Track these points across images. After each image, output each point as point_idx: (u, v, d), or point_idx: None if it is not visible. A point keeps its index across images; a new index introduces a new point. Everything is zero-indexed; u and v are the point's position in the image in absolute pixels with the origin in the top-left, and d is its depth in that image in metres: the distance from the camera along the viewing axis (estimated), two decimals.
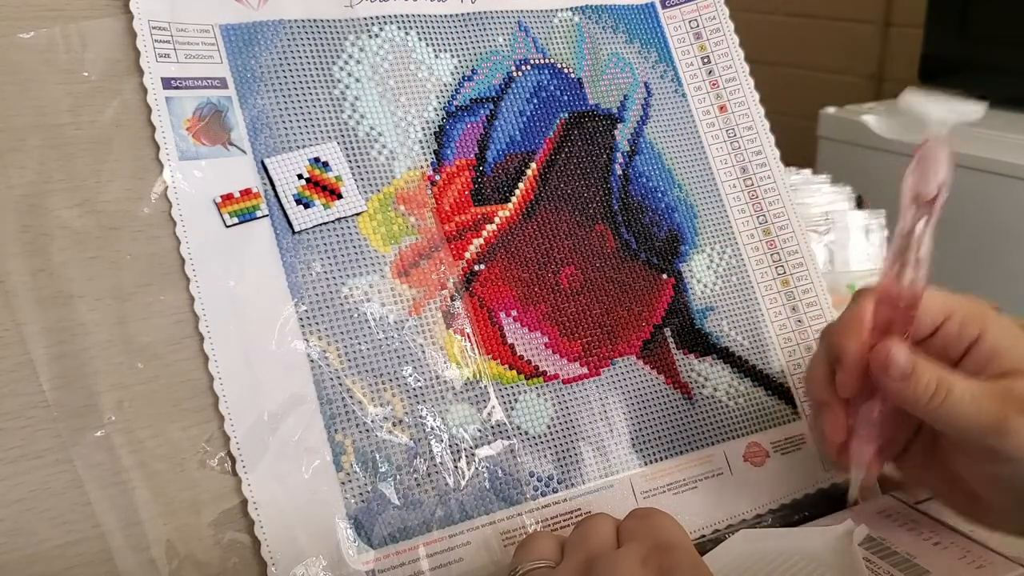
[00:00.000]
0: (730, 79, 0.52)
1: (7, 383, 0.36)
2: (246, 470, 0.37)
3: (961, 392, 0.36)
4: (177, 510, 0.36)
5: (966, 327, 0.39)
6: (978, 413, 0.36)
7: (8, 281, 0.36)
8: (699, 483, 0.45)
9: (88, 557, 0.35)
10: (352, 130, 0.44)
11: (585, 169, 0.48)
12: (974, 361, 0.38)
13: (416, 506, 0.40)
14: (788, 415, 0.48)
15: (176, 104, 0.41)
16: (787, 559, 0.38)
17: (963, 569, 0.38)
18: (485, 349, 0.43)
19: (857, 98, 1.39)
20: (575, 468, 0.43)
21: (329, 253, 0.42)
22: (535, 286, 0.45)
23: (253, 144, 0.42)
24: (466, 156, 0.46)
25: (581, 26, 0.51)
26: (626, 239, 0.48)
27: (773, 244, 0.50)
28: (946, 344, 0.39)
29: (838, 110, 1.25)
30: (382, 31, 0.46)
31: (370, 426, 0.40)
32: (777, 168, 0.51)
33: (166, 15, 0.42)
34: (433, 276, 0.43)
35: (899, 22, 1.53)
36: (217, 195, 0.40)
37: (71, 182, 0.38)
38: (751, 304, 0.49)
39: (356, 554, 0.38)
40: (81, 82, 0.40)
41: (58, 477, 0.35)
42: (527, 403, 0.43)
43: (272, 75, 0.43)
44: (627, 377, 0.46)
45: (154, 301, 0.38)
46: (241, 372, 0.38)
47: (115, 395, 0.37)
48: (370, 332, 0.41)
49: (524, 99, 0.48)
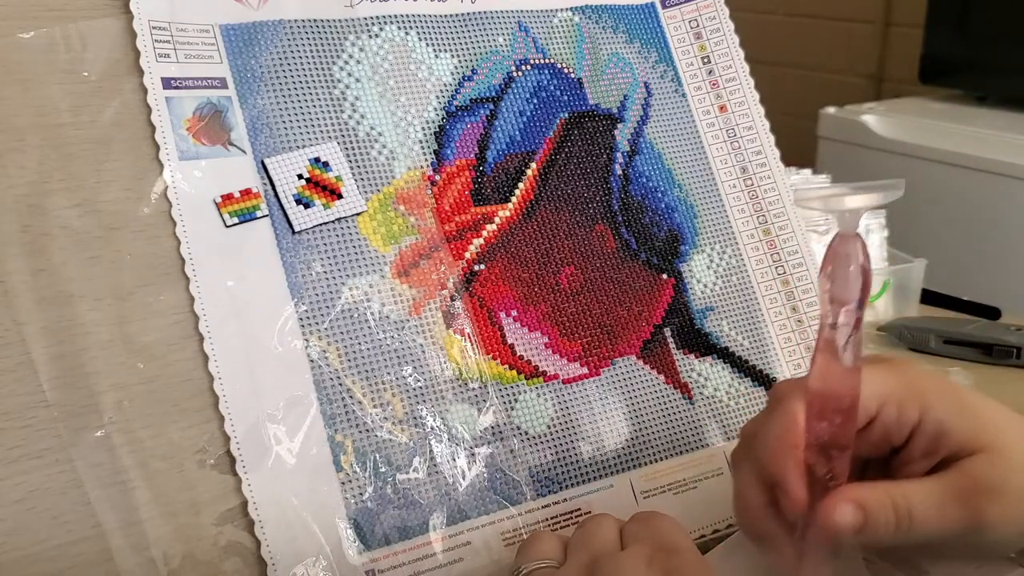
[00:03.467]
0: (730, 79, 0.52)
1: (7, 383, 0.36)
2: (246, 470, 0.37)
3: (924, 509, 0.33)
4: (177, 510, 0.36)
5: (904, 411, 0.34)
6: (949, 520, 0.32)
7: (8, 281, 0.37)
8: (699, 483, 0.45)
9: (88, 557, 0.35)
10: (352, 130, 0.44)
11: (585, 169, 0.48)
12: (920, 446, 0.34)
13: (416, 506, 0.40)
14: None
15: (176, 104, 0.41)
16: None
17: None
18: (485, 349, 0.43)
19: (857, 98, 1.39)
20: (575, 468, 0.43)
21: (329, 253, 0.42)
22: (535, 286, 0.45)
23: (253, 144, 0.42)
24: (466, 156, 0.46)
25: (581, 26, 0.51)
26: (626, 239, 0.48)
27: (773, 244, 0.50)
28: (887, 432, 0.35)
29: (838, 110, 1.25)
30: (382, 31, 0.46)
31: (370, 426, 0.40)
32: (777, 168, 0.51)
33: (166, 15, 0.42)
34: (433, 276, 0.43)
35: (899, 22, 1.53)
36: (217, 195, 0.40)
37: (71, 182, 0.38)
38: (751, 304, 0.49)
39: (356, 554, 0.38)
40: (81, 82, 0.40)
41: (58, 477, 0.35)
42: (527, 403, 0.43)
43: (272, 75, 0.43)
44: (627, 377, 0.46)
45: (154, 301, 0.38)
46: (241, 372, 0.38)
47: (115, 395, 0.37)
48: (370, 332, 0.41)
49: (524, 99, 0.48)
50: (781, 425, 0.34)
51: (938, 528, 0.33)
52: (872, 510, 0.32)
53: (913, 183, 1.27)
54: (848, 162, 1.22)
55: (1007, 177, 1.04)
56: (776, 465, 0.34)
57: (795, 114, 1.45)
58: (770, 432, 0.34)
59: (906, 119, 1.19)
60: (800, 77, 1.70)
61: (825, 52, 1.66)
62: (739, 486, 0.36)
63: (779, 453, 0.34)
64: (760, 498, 0.35)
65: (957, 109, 1.23)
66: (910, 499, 0.33)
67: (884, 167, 1.16)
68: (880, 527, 0.32)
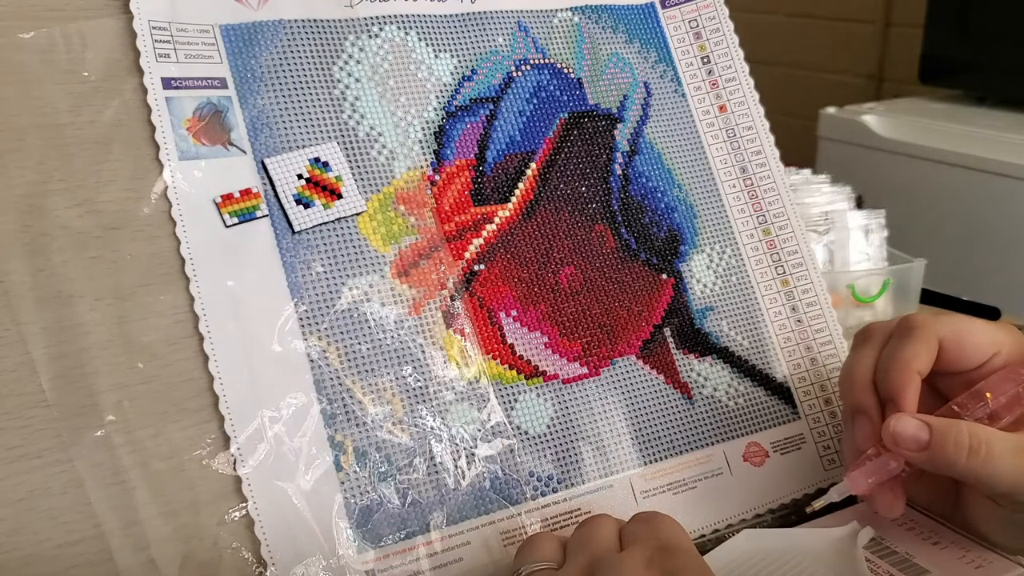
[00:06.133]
0: (730, 79, 0.52)
1: (7, 383, 0.36)
2: (246, 470, 0.37)
3: (1002, 448, 0.34)
4: (177, 510, 0.36)
5: (1010, 363, 0.38)
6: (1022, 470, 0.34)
7: (8, 281, 0.37)
8: (699, 483, 0.45)
9: (88, 557, 0.35)
10: (352, 130, 0.44)
11: (585, 169, 0.48)
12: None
13: (416, 506, 0.40)
14: (788, 415, 0.48)
15: (176, 104, 0.41)
16: (789, 559, 0.38)
17: (963, 569, 0.38)
18: (485, 349, 0.43)
19: (857, 98, 1.39)
20: (575, 468, 0.43)
21: (329, 253, 0.42)
22: (535, 286, 0.45)
23: (253, 144, 0.42)
24: (466, 156, 0.46)
25: (581, 26, 0.51)
26: (626, 239, 0.48)
27: (773, 244, 0.50)
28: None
29: (838, 110, 1.25)
30: (382, 31, 0.46)
31: (370, 426, 0.40)
32: (777, 168, 0.51)
33: (166, 15, 0.42)
34: (433, 276, 0.44)
35: (899, 22, 1.53)
36: (217, 195, 0.40)
37: (71, 182, 0.38)
38: (751, 304, 0.49)
39: (356, 554, 0.38)
40: (81, 82, 0.40)
41: (58, 477, 0.35)
42: (527, 403, 0.43)
43: (272, 75, 0.43)
44: (627, 377, 0.46)
45: (154, 301, 0.38)
46: (241, 372, 0.38)
47: (115, 395, 0.37)
48: (370, 332, 0.41)
49: (524, 99, 0.48)
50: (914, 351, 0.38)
51: (1010, 472, 0.34)
52: (940, 431, 0.35)
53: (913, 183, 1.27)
54: (848, 162, 1.22)
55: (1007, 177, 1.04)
56: (896, 382, 0.38)
57: (795, 114, 1.45)
58: (907, 350, 0.38)
59: (906, 119, 1.19)
60: (800, 77, 1.70)
61: (825, 52, 1.66)
62: (854, 359, 0.40)
63: (904, 372, 0.38)
64: (869, 374, 0.39)
65: (957, 109, 1.23)
66: (991, 437, 0.34)
67: (884, 167, 1.16)
68: (950, 449, 0.34)
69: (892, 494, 0.38)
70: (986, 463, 0.34)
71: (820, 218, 0.61)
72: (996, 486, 0.35)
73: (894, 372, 0.38)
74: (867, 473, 0.38)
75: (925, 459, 0.36)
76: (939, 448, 0.35)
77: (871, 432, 0.38)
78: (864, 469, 0.38)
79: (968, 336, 0.39)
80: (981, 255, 1.07)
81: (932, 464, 0.36)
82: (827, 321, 0.50)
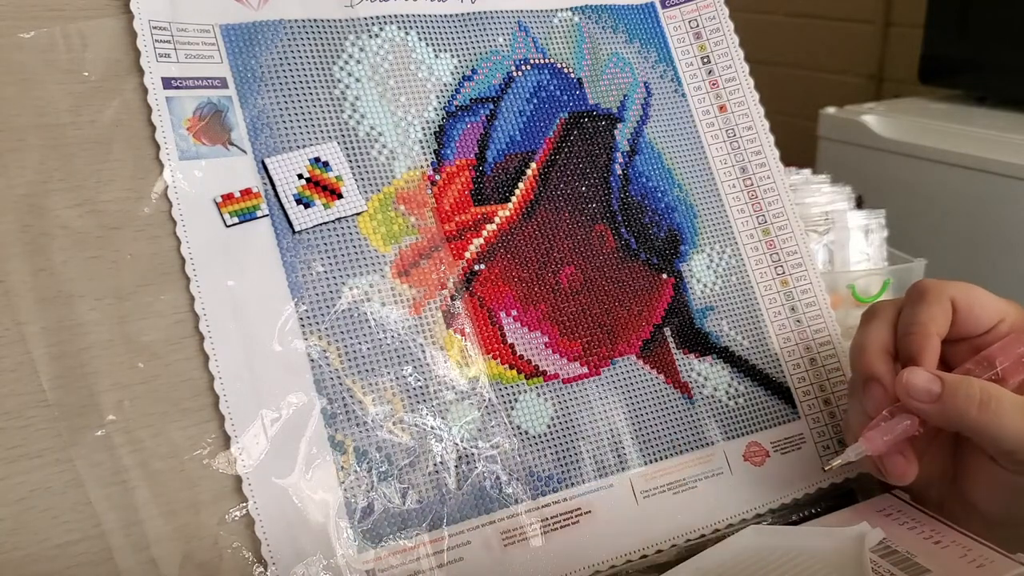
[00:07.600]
0: (730, 79, 0.52)
1: (7, 383, 0.36)
2: (246, 470, 0.37)
3: (1012, 404, 0.35)
4: (177, 510, 0.36)
5: (1015, 330, 0.39)
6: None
7: (8, 281, 0.37)
8: (699, 483, 0.45)
9: (88, 557, 0.35)
10: (352, 130, 0.44)
11: (585, 169, 0.48)
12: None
13: (416, 506, 0.40)
14: (788, 415, 0.48)
15: (176, 104, 0.41)
16: (792, 557, 0.38)
17: (963, 568, 0.38)
18: (485, 349, 0.43)
19: (857, 98, 1.39)
20: (575, 468, 0.43)
21: (329, 253, 0.42)
22: (535, 286, 0.45)
23: (253, 144, 0.42)
24: (466, 156, 0.46)
25: (581, 26, 0.51)
26: (626, 239, 0.48)
27: (772, 244, 0.50)
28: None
29: (838, 110, 1.25)
30: (382, 31, 0.46)
31: (370, 426, 0.40)
32: (777, 168, 0.51)
33: (166, 15, 0.42)
34: (433, 276, 0.44)
35: (899, 22, 1.53)
36: (217, 195, 0.40)
37: (71, 182, 0.38)
38: (751, 304, 0.49)
39: (356, 554, 0.38)
40: (81, 82, 0.40)
41: (58, 477, 0.35)
42: (527, 403, 0.43)
43: (272, 75, 0.43)
44: (627, 377, 0.46)
45: (154, 301, 0.38)
46: (241, 372, 0.38)
47: (115, 395, 0.37)
48: (370, 332, 0.41)
49: (524, 99, 0.48)
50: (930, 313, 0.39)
51: (1018, 429, 0.34)
52: (951, 384, 0.35)
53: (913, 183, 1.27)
54: (848, 162, 1.22)
55: (1007, 177, 1.04)
56: (917, 344, 0.38)
57: (795, 114, 1.45)
58: (923, 312, 0.39)
59: (906, 119, 1.19)
60: (800, 77, 1.70)
61: (825, 52, 1.66)
62: (865, 331, 0.41)
63: (923, 335, 0.38)
64: (884, 342, 0.40)
65: (957, 109, 1.23)
66: (1001, 394, 0.35)
67: (884, 167, 1.16)
68: (960, 401, 0.35)
69: (904, 458, 0.39)
70: (996, 417, 0.35)
71: (820, 218, 0.61)
72: (1003, 441, 0.35)
73: (914, 336, 0.39)
74: (883, 432, 0.39)
75: (937, 411, 0.36)
76: (950, 399, 0.35)
77: (883, 397, 0.39)
78: (879, 429, 0.39)
79: (977, 299, 0.40)
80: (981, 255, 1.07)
81: (943, 417, 0.36)
82: (826, 322, 0.50)
